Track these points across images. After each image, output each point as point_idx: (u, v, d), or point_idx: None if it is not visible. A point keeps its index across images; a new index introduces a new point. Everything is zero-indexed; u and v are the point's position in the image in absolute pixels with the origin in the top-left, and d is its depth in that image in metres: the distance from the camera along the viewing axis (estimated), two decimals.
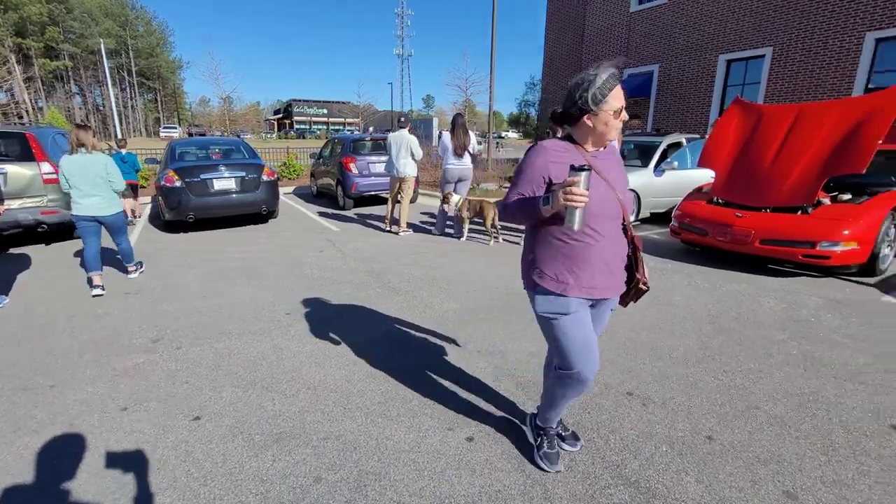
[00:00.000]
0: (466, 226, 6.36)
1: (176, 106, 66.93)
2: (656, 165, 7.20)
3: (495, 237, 6.19)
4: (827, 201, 4.79)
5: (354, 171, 8.70)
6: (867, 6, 10.20)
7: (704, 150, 5.70)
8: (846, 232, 4.24)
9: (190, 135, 40.29)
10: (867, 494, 1.82)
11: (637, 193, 6.99)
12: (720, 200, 5.32)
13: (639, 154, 7.69)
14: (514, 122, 78.12)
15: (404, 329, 3.44)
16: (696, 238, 5.28)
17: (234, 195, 6.96)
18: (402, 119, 6.89)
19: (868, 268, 4.45)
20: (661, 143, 7.44)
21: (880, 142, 4.28)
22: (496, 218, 6.08)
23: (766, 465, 1.99)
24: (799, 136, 4.89)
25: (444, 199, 6.33)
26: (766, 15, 11.84)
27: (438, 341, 3.23)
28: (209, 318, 3.70)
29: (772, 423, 2.27)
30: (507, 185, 12.65)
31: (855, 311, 3.72)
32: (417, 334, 3.35)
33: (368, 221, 7.74)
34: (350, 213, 8.61)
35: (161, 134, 47.02)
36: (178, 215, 6.66)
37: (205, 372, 2.85)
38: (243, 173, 7.05)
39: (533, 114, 55.05)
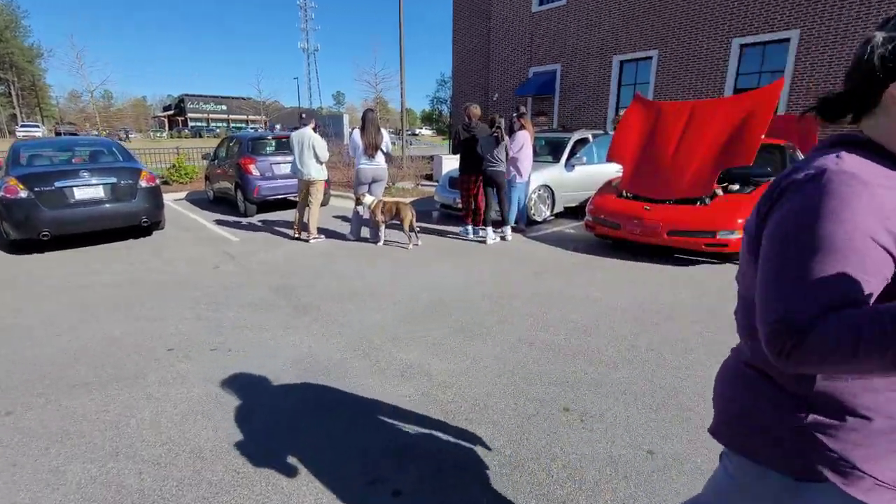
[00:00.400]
0: (383, 229, 5.97)
1: (38, 101, 57.44)
2: (567, 161, 7.37)
3: (415, 241, 5.88)
4: (720, 192, 5.14)
5: (256, 172, 7.86)
6: (733, 15, 11.44)
7: (611, 146, 5.88)
8: (740, 221, 4.55)
9: (58, 134, 34.73)
10: None
11: (551, 188, 7.10)
12: (629, 194, 5.51)
13: (550, 150, 7.84)
14: (428, 119, 78.40)
15: (316, 356, 3.00)
16: (610, 231, 5.41)
17: (105, 205, 5.87)
18: (304, 116, 6.29)
19: None
20: (569, 139, 7.64)
21: (763, 136, 4.65)
22: (414, 219, 5.77)
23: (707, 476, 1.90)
24: (694, 132, 5.19)
25: (359, 201, 5.88)
26: (652, 20, 12.83)
27: (356, 367, 2.84)
28: (59, 365, 2.93)
29: (705, 427, 2.21)
30: (426, 182, 12.47)
31: None
32: (332, 361, 2.93)
33: (276, 229, 7.01)
34: (254, 220, 7.77)
35: (18, 133, 39.87)
36: (26, 233, 5.44)
37: (44, 444, 2.18)
38: (114, 179, 5.96)
39: (445, 111, 55.58)
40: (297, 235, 6.28)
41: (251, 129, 36.29)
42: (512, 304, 3.84)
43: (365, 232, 6.26)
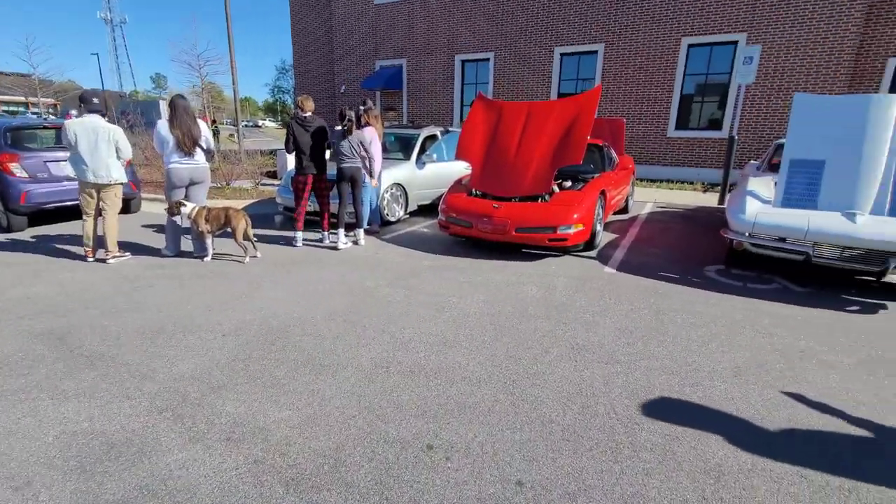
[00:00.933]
0: (211, 241, 5.01)
1: None
2: (417, 158, 7.23)
3: (253, 253, 5.06)
4: (556, 189, 5.52)
5: (22, 174, 5.96)
6: (554, 27, 12.71)
7: (459, 144, 5.89)
8: (576, 216, 4.91)
9: None
10: (658, 499, 1.83)
11: (404, 187, 6.88)
12: (478, 192, 5.57)
13: (400, 147, 7.62)
14: (271, 110, 72.11)
15: (100, 431, 2.21)
16: (463, 230, 5.40)
17: None
18: (95, 100, 4.83)
19: (590, 244, 5.32)
20: (419, 135, 7.51)
21: (589, 137, 5.09)
22: (249, 227, 4.95)
23: (576, 500, 1.82)
24: (532, 132, 5.46)
25: (172, 210, 4.80)
26: (488, 24, 13.56)
27: (163, 438, 2.15)
28: None
29: (567, 439, 2.18)
30: (268, 181, 11.13)
31: (592, 286, 4.30)
32: (124, 435, 2.18)
33: (57, 247, 5.39)
34: (22, 236, 5.89)
35: None
36: None
37: None
38: None
39: (289, 101, 51.73)
40: (90, 256, 4.89)
41: (33, 114, 28.45)
42: (366, 321, 3.47)
43: (189, 244, 5.19)
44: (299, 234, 5.56)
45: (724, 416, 2.36)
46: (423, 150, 7.39)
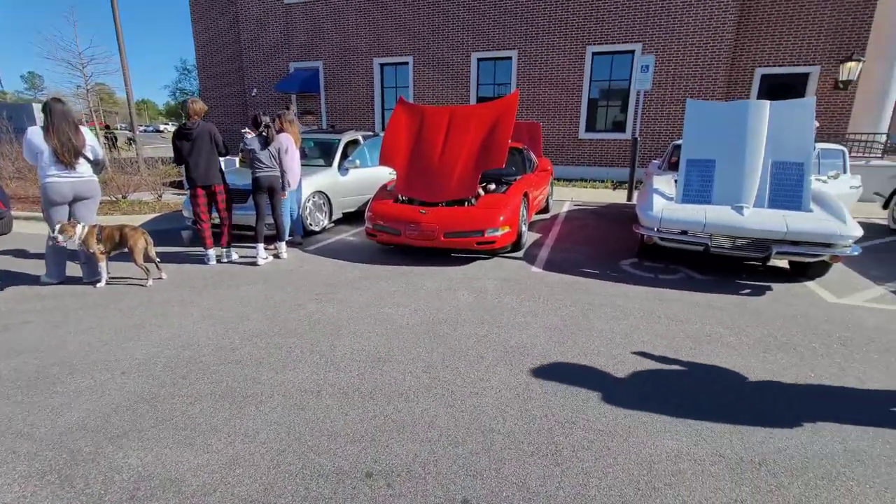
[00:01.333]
0: (105, 264, 4.41)
1: None
2: (340, 164, 6.98)
3: (157, 275, 4.54)
4: (482, 192, 5.59)
5: None
6: (471, 32, 12.98)
7: (382, 149, 5.76)
8: (502, 218, 5.00)
9: None
10: (599, 497, 1.87)
11: (327, 195, 6.60)
12: (404, 198, 5.49)
13: (320, 152, 7.31)
14: (174, 114, 66.16)
15: None
16: (391, 238, 5.28)
17: None
18: None
19: (517, 245, 5.46)
20: (340, 140, 7.26)
21: (510, 141, 5.21)
22: (150, 246, 4.43)
23: None
24: (455, 136, 5.49)
25: (60, 232, 4.13)
26: (406, 27, 13.51)
27: None
28: None
29: (509, 448, 2.17)
30: (174, 192, 10.10)
31: (521, 287, 4.39)
32: None
33: None
34: None
35: None
36: None
37: None
38: None
39: None
40: None
41: None
42: (292, 342, 3.24)
43: (76, 269, 4.53)
44: (211, 252, 5.08)
45: (650, 405, 2.49)
46: (345, 156, 7.15)
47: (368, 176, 7.31)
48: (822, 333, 3.41)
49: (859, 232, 4.22)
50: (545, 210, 8.02)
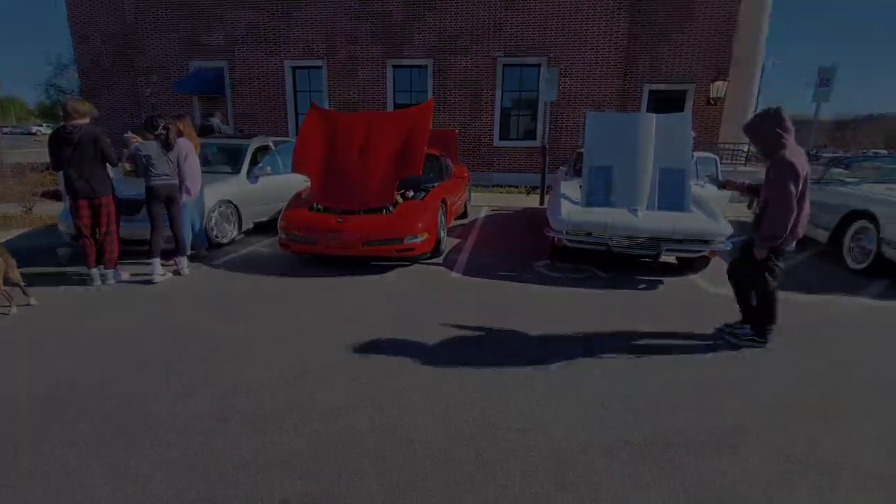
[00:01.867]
0: None
1: None
2: (249, 171, 6.56)
3: (25, 301, 3.90)
4: (400, 199, 5.57)
5: None
6: (385, 39, 12.93)
7: (294, 155, 5.52)
8: (420, 225, 5.01)
9: None
10: (522, 497, 1.92)
11: (235, 204, 6.15)
12: (320, 206, 5.29)
13: (226, 159, 6.81)
14: (49, 114, 57.71)
15: None
16: (307, 248, 5.07)
17: None
18: None
19: (436, 251, 5.50)
20: (248, 146, 6.82)
21: (427, 148, 5.26)
22: (13, 270, 3.81)
23: None
24: (373, 143, 5.40)
25: None
26: (315, 30, 13.09)
27: None
28: None
29: (431, 457, 2.15)
30: (50, 204, 8.76)
31: (441, 293, 4.43)
32: None
33: None
34: None
35: None
36: None
37: None
38: None
39: None
40: None
41: None
42: (195, 368, 2.95)
43: None
44: (94, 272, 4.47)
45: (562, 400, 2.63)
46: (254, 163, 6.73)
47: (281, 184, 6.94)
48: (704, 319, 3.85)
49: (730, 230, 4.84)
50: (464, 215, 8.19)
